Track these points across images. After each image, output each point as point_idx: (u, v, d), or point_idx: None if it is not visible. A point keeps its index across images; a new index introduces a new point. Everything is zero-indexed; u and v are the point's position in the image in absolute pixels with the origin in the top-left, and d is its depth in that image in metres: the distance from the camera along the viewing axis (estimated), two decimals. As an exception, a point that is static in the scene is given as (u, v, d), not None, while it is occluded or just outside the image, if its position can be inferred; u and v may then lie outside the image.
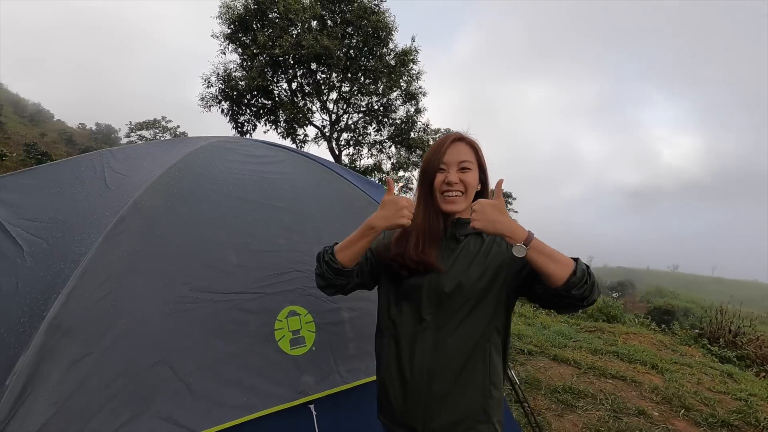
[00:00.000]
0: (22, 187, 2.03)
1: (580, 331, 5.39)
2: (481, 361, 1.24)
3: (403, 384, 1.29)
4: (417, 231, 1.30)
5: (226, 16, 12.38)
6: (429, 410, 1.24)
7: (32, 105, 61.96)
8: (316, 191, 2.39)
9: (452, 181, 1.27)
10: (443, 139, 1.36)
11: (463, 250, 1.30)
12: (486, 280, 1.25)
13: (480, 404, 1.24)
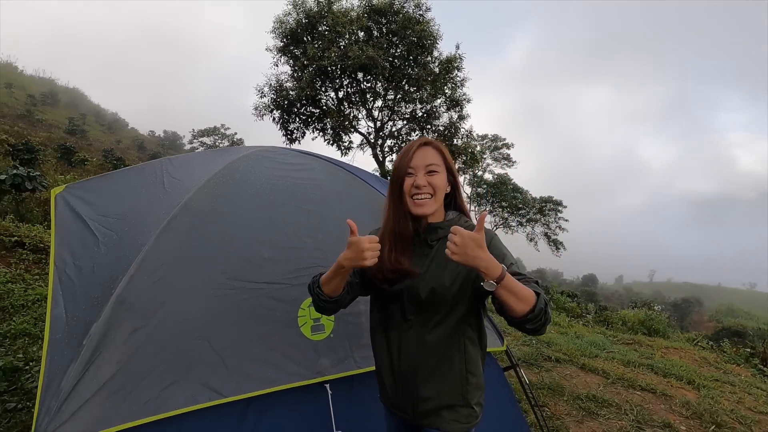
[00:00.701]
0: (99, 189, 2.44)
1: (616, 343, 5.21)
2: (458, 353, 1.36)
3: (394, 375, 1.43)
4: (389, 237, 1.38)
5: (279, 30, 13.17)
6: (416, 397, 1.38)
7: (110, 114, 68.30)
8: (342, 196, 2.63)
9: (420, 184, 1.34)
10: (410, 145, 1.41)
11: (435, 256, 1.37)
12: (458, 285, 1.33)
13: (458, 391, 1.37)
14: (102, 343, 1.65)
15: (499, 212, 29.26)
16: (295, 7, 12.98)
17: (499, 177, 29.25)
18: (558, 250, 28.57)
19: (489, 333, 2.49)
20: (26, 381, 3.22)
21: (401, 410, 1.44)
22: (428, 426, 1.39)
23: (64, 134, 30.24)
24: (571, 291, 12.40)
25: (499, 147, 30.57)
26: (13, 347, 3.61)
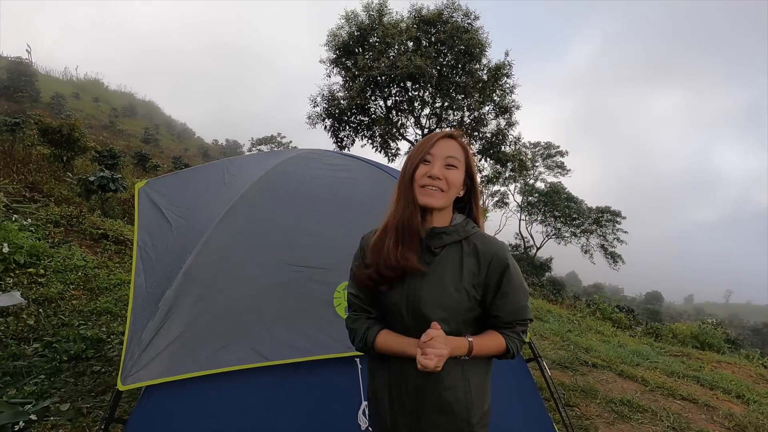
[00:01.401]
0: (172, 184, 2.87)
1: (662, 354, 4.97)
2: (462, 377, 1.23)
3: (394, 403, 1.27)
4: (394, 229, 1.24)
5: (333, 43, 13.87)
6: (415, 423, 1.25)
7: (180, 124, 73.87)
8: (377, 194, 2.87)
9: (435, 174, 1.20)
10: (434, 134, 1.28)
11: (438, 266, 1.23)
12: (461, 300, 1.21)
13: (463, 418, 1.24)
14: (172, 307, 2.00)
15: (551, 222, 28.24)
16: (347, 20, 13.64)
17: (552, 185, 28.25)
18: (616, 264, 27.04)
19: (512, 325, 2.62)
20: (108, 350, 3.75)
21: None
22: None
23: (140, 142, 33.26)
24: (625, 305, 11.76)
25: (553, 155, 29.54)
26: (98, 322, 4.19)
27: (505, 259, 1.23)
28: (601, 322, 6.96)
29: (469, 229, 1.27)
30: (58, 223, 6.48)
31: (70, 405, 2.90)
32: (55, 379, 3.20)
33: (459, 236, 1.25)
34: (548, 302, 9.20)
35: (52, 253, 5.19)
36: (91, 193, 8.65)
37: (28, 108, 25.04)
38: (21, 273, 4.58)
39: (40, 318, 4.00)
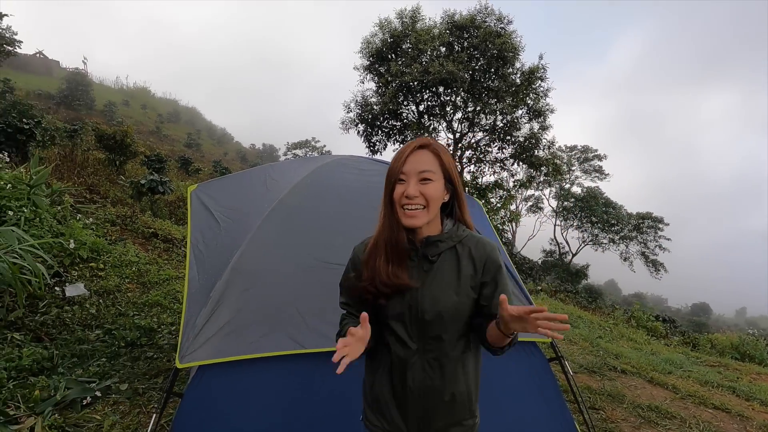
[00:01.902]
0: (220, 188, 3.16)
1: (698, 363, 4.82)
2: (462, 372, 1.29)
3: (397, 400, 1.31)
4: (383, 247, 1.27)
5: (366, 50, 14.21)
6: (422, 421, 1.29)
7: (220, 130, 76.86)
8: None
9: (411, 194, 1.20)
10: (405, 146, 1.27)
11: (437, 273, 1.27)
12: (462, 303, 1.26)
13: (466, 407, 1.32)
14: (222, 297, 2.25)
15: (588, 228, 27.37)
16: (381, 28, 13.95)
17: (589, 190, 27.39)
18: (657, 272, 25.87)
19: (534, 324, 2.72)
20: (159, 339, 4.11)
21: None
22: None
23: (183, 147, 35.00)
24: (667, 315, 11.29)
25: (590, 158, 28.66)
26: (150, 313, 4.58)
27: (498, 260, 1.29)
28: (634, 330, 6.79)
29: (461, 233, 1.30)
30: (115, 223, 7.07)
31: (128, 385, 3.24)
32: (115, 362, 3.57)
33: (453, 242, 1.28)
34: (580, 308, 9.02)
35: (110, 249, 5.69)
36: (142, 195, 9.32)
37: (84, 115, 26.94)
38: (84, 267, 5.07)
39: (101, 308, 4.43)
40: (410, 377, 1.27)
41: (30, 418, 2.69)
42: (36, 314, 3.94)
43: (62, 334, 3.80)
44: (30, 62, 39.56)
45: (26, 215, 4.74)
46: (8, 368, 3.05)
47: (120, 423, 2.79)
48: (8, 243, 3.52)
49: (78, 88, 32.10)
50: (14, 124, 8.62)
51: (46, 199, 5.43)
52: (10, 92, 21.48)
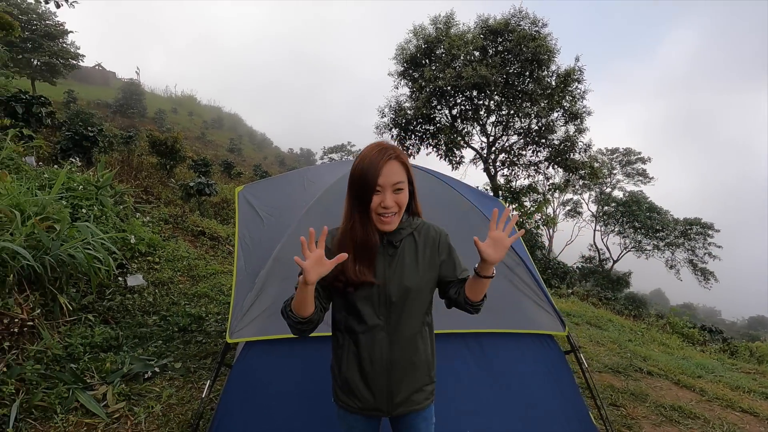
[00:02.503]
0: (263, 188, 3.51)
1: (732, 370, 4.68)
2: (422, 342, 1.49)
3: (365, 378, 1.44)
4: (351, 246, 1.39)
5: (401, 56, 14.52)
6: (390, 392, 1.45)
7: (260, 135, 79.48)
8: (429, 197, 3.26)
9: (389, 205, 1.34)
10: (376, 158, 1.34)
11: (400, 256, 1.44)
12: (424, 281, 1.45)
13: (426, 374, 1.51)
14: (265, 284, 2.57)
15: (630, 233, 26.27)
16: (415, 34, 14.22)
17: (631, 194, 26.32)
18: (707, 282, 24.46)
19: (551, 318, 2.86)
20: (207, 326, 4.53)
21: (375, 410, 1.47)
22: (402, 414, 1.49)
23: (226, 152, 36.61)
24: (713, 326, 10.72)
25: (633, 161, 27.54)
26: (199, 303, 5.04)
27: (447, 239, 1.55)
28: (668, 335, 6.62)
29: (416, 222, 1.51)
30: (167, 221, 7.71)
31: (181, 364, 3.64)
32: (169, 344, 4.00)
33: (411, 229, 1.49)
34: (613, 312, 8.83)
35: (164, 245, 6.26)
36: (190, 197, 10.03)
37: (137, 122, 28.86)
38: (142, 260, 5.63)
39: (157, 297, 4.92)
40: (377, 352, 1.42)
41: (102, 386, 3.14)
42: (104, 300, 4.46)
43: (125, 318, 4.29)
44: (90, 74, 42.75)
45: (95, 213, 5.34)
46: (84, 344, 3.52)
47: (175, 395, 3.18)
48: (84, 236, 4.04)
49: (132, 97, 34.38)
50: (81, 132, 9.54)
51: (111, 199, 6.06)
52: (74, 102, 23.44)
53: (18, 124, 8.41)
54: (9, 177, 4.78)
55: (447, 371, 2.74)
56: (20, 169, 5.94)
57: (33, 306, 3.46)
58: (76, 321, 3.85)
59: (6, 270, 3.29)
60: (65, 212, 4.21)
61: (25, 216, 3.88)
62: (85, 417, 2.81)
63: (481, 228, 3.16)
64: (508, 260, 3.00)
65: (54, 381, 3.01)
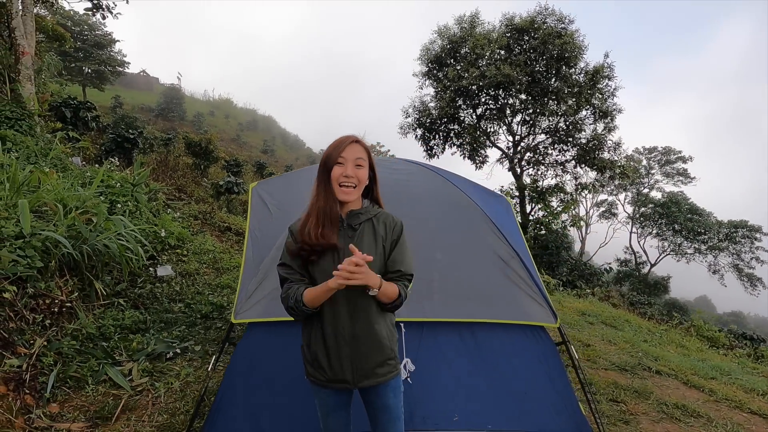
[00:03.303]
0: (275, 184, 3.74)
1: (752, 373, 4.47)
2: (381, 318, 1.62)
3: (329, 352, 1.57)
4: (316, 214, 1.57)
5: (425, 57, 14.59)
6: (355, 365, 1.57)
7: (292, 136, 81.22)
8: (431, 192, 3.41)
9: (349, 174, 1.54)
10: (343, 139, 1.60)
11: (359, 238, 1.60)
12: (377, 261, 1.58)
13: (388, 347, 1.63)
14: (268, 271, 2.78)
15: (669, 236, 25.08)
16: (440, 35, 14.26)
17: (671, 195, 25.13)
18: (754, 288, 23.05)
19: (543, 310, 2.93)
20: (227, 314, 4.83)
21: (341, 382, 1.59)
22: (367, 386, 1.61)
23: (260, 153, 37.81)
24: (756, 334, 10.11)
25: (672, 161, 26.30)
26: (222, 293, 5.36)
27: (402, 228, 1.69)
28: (689, 338, 6.36)
29: (375, 209, 1.69)
30: (197, 217, 8.18)
31: (201, 347, 3.94)
32: (192, 329, 4.31)
33: (370, 215, 1.66)
34: (629, 312, 8.54)
35: (192, 239, 6.67)
36: (220, 195, 10.56)
37: (177, 125, 30.33)
38: (172, 252, 6.04)
39: (183, 286, 5.28)
40: (340, 326, 1.55)
41: (129, 363, 3.46)
42: (135, 288, 4.85)
43: (153, 305, 4.65)
44: (135, 80, 45.29)
45: (130, 208, 5.79)
46: (115, 326, 3.88)
47: (193, 374, 3.46)
48: (117, 228, 4.43)
49: (173, 101, 36.19)
50: (123, 135, 10.25)
51: (145, 196, 6.52)
52: (120, 107, 24.95)
53: (67, 127, 9.15)
54: (55, 175, 5.28)
55: (440, 359, 2.87)
56: (66, 168, 6.50)
57: (72, 290, 3.84)
58: (109, 305, 4.23)
59: (49, 257, 3.68)
60: (102, 207, 4.62)
61: (68, 209, 4.29)
62: (112, 389, 3.13)
63: (480, 223, 3.26)
64: (503, 253, 3.09)
65: (87, 356, 3.36)
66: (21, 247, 3.41)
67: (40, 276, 3.55)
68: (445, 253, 3.07)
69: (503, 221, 3.46)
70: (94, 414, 2.82)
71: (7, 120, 7.03)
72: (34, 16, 8.92)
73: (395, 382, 1.68)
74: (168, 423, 2.81)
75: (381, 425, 1.71)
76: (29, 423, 2.58)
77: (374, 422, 1.73)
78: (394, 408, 1.69)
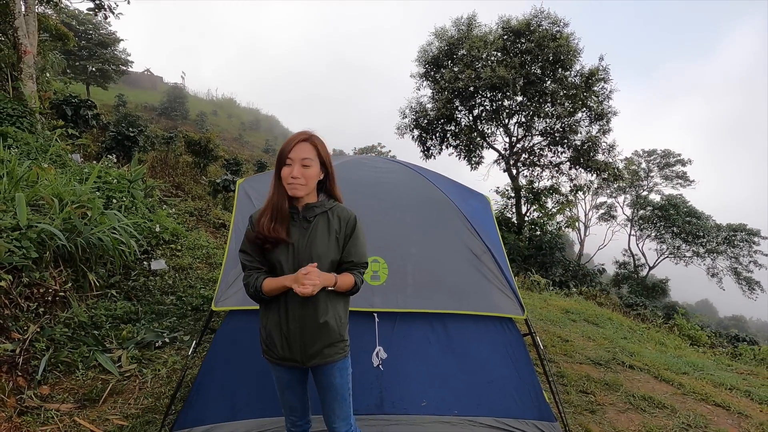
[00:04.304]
0: (261, 180, 3.85)
1: (725, 370, 4.57)
2: (331, 305, 1.73)
3: (282, 335, 1.71)
4: (270, 210, 1.70)
5: (423, 58, 14.75)
6: (304, 346, 1.70)
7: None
8: (410, 191, 3.54)
9: (295, 175, 1.63)
10: (292, 138, 1.71)
11: (313, 230, 1.71)
12: (330, 252, 1.72)
13: (336, 331, 1.75)
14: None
15: (668, 239, 25.11)
16: (437, 36, 14.42)
17: (669, 198, 25.17)
18: (752, 291, 23.05)
19: (511, 303, 3.07)
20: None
21: (291, 360, 1.73)
22: (316, 365, 1.74)
23: (261, 152, 38.02)
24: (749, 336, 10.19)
25: (672, 164, 26.35)
26: (213, 287, 5.51)
27: (355, 222, 1.81)
28: (668, 335, 6.47)
29: (330, 203, 1.80)
30: (192, 214, 8.35)
31: (190, 337, 4.09)
32: (182, 320, 4.47)
33: (325, 208, 1.77)
34: (614, 311, 8.64)
35: (186, 235, 6.83)
36: (217, 192, 10.73)
37: (179, 124, 30.56)
38: (166, 247, 6.20)
39: (176, 280, 5.44)
40: (291, 310, 1.68)
41: (119, 350, 3.62)
42: (129, 281, 5.01)
43: (146, 297, 4.80)
44: (139, 79, 45.61)
45: (126, 204, 5.96)
46: (107, 315, 4.04)
47: (179, 362, 3.61)
48: (111, 222, 4.59)
49: (176, 100, 36.44)
50: (123, 133, 10.43)
51: (141, 192, 6.69)
52: (123, 105, 25.21)
53: (67, 125, 9.34)
54: (54, 171, 5.45)
55: (411, 348, 3.01)
56: (66, 165, 6.68)
57: (65, 280, 4.00)
58: (102, 296, 4.39)
59: (44, 248, 3.83)
60: (97, 201, 4.78)
61: (64, 203, 4.46)
62: (101, 374, 3.29)
63: (454, 219, 3.40)
64: (475, 248, 3.23)
65: (78, 343, 3.52)
66: (17, 238, 3.57)
67: (35, 266, 3.71)
68: (419, 247, 3.21)
69: (479, 217, 3.59)
70: (83, 396, 2.97)
71: (9, 117, 7.21)
72: (38, 15, 9.13)
73: (342, 363, 1.80)
74: (153, 406, 2.96)
75: (327, 403, 1.83)
76: (20, 402, 2.73)
77: (322, 401, 1.85)
78: (340, 387, 1.80)
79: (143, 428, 2.68)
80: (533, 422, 2.83)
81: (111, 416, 2.77)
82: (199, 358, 3.49)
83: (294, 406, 1.89)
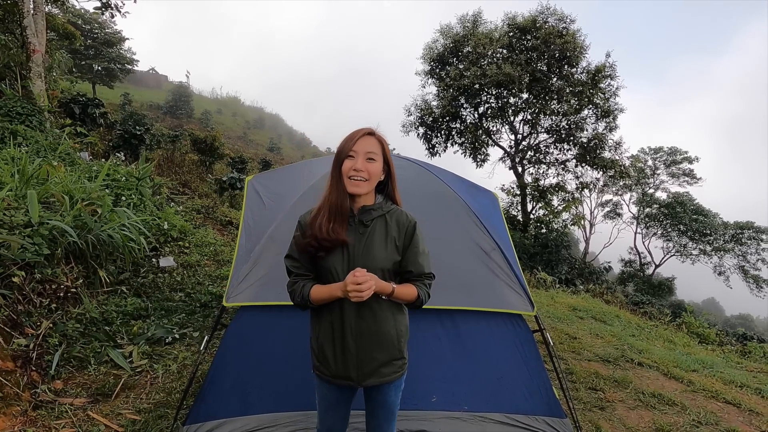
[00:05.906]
0: (269, 178, 3.91)
1: (735, 367, 4.55)
2: (391, 316, 1.59)
3: (337, 347, 1.56)
4: (328, 209, 1.55)
5: (428, 56, 14.72)
6: (360, 362, 1.55)
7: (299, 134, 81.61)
8: (419, 187, 3.54)
9: (359, 168, 1.50)
10: (356, 132, 1.57)
11: (370, 235, 1.57)
12: (389, 259, 1.57)
13: (396, 347, 1.61)
14: (259, 258, 2.94)
15: (674, 237, 24.93)
16: (442, 34, 14.38)
17: (676, 196, 24.98)
18: (759, 289, 22.84)
19: (521, 299, 3.06)
20: (226, 304, 5.00)
21: (345, 378, 1.58)
22: (371, 385, 1.59)
23: (266, 151, 38.09)
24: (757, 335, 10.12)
25: (678, 161, 26.13)
26: (221, 284, 5.54)
27: (415, 227, 1.66)
28: (676, 333, 6.43)
29: (389, 206, 1.66)
30: (199, 211, 8.39)
31: (199, 333, 4.12)
32: (191, 317, 4.50)
33: (383, 211, 1.62)
34: (622, 309, 8.61)
35: (194, 232, 6.87)
36: (223, 190, 10.78)
37: (184, 123, 30.68)
38: (174, 245, 6.24)
39: (184, 277, 5.47)
40: (347, 322, 1.54)
41: (130, 346, 3.65)
42: (138, 277, 5.05)
43: (155, 294, 4.84)
44: (144, 78, 45.86)
45: (134, 201, 6.00)
46: (117, 312, 4.07)
47: (189, 357, 3.64)
48: (121, 220, 4.62)
49: (181, 99, 36.58)
50: (130, 131, 10.49)
51: (149, 189, 6.73)
52: (129, 104, 25.34)
53: (75, 123, 9.40)
54: (63, 168, 5.50)
55: (421, 344, 3.01)
56: (74, 163, 6.73)
57: (77, 276, 4.04)
58: (112, 292, 4.43)
59: (56, 245, 3.87)
60: (107, 199, 4.82)
61: (74, 201, 4.49)
62: (113, 369, 3.32)
63: (463, 215, 3.39)
64: (484, 245, 3.23)
65: (90, 339, 3.56)
66: (29, 235, 3.60)
67: (47, 263, 3.75)
68: (429, 244, 3.21)
69: (488, 214, 3.59)
70: (96, 391, 3.00)
71: (18, 116, 7.27)
72: (45, 15, 9.18)
73: (399, 381, 1.69)
74: (164, 400, 2.99)
75: (377, 419, 1.74)
76: (35, 397, 2.76)
77: (372, 415, 1.75)
78: (393, 405, 1.71)
79: (156, 422, 2.70)
80: (543, 418, 2.83)
81: (124, 410, 2.80)
82: (209, 354, 3.51)
83: (333, 428, 1.76)
